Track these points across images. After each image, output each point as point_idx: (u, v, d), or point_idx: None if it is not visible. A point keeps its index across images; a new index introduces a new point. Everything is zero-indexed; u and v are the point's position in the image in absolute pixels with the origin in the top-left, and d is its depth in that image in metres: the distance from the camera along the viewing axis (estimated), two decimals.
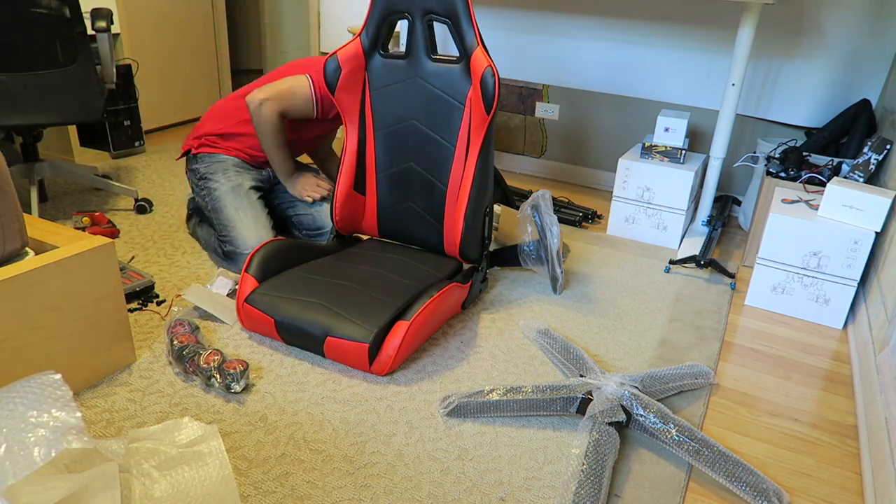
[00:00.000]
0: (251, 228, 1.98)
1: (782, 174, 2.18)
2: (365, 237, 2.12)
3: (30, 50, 2.02)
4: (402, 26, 3.03)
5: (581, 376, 1.52)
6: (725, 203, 2.72)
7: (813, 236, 1.87)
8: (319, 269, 1.80)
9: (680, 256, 2.32)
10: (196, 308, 1.80)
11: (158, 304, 1.81)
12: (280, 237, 1.93)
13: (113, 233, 2.22)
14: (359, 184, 1.97)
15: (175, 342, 1.54)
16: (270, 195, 2.24)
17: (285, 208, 2.22)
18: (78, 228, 2.21)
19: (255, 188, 2.11)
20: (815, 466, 1.37)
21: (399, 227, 2.00)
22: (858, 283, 1.86)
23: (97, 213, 2.25)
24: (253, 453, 1.30)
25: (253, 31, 4.73)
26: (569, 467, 1.27)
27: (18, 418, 0.99)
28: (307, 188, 2.15)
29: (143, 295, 1.83)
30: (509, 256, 2.07)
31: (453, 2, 1.73)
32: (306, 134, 2.17)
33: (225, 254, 2.01)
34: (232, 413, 1.40)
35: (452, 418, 1.43)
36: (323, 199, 2.16)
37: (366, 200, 2.00)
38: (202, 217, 2.17)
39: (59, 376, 1.08)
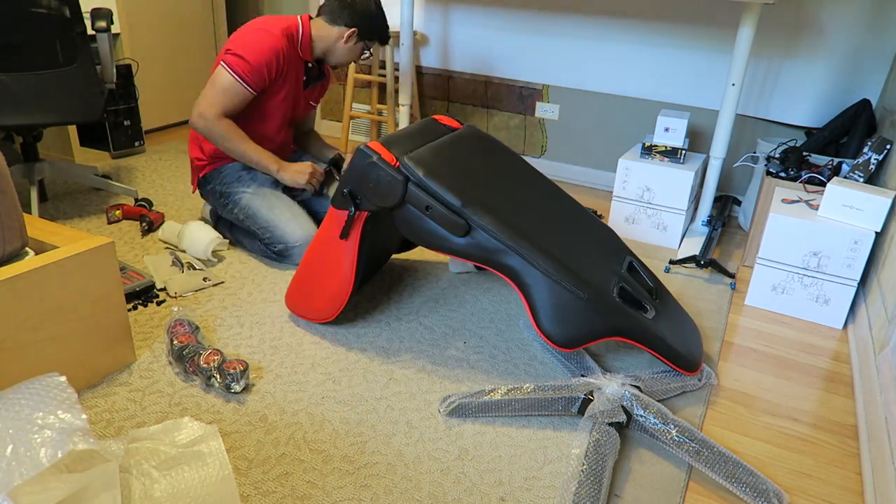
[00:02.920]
0: (291, 220, 1.99)
1: (782, 174, 2.18)
2: None
3: (30, 50, 2.02)
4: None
5: (582, 376, 1.52)
6: (725, 203, 2.72)
7: (813, 236, 1.87)
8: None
9: (680, 256, 2.32)
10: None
11: (158, 304, 1.81)
12: None
13: (156, 218, 2.30)
14: None
15: (175, 342, 1.54)
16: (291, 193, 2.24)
17: (311, 203, 2.24)
18: (112, 223, 2.30)
19: (274, 182, 2.12)
20: (815, 466, 1.37)
21: None
22: (858, 283, 1.86)
23: (125, 206, 2.33)
24: (253, 453, 1.30)
25: None
26: (569, 467, 1.27)
27: (24, 419, 0.99)
28: (301, 175, 2.04)
29: (143, 295, 1.83)
30: None
31: None
32: (271, 120, 2.10)
33: (278, 253, 2.01)
34: (232, 413, 1.40)
35: (452, 418, 1.43)
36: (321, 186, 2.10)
37: None
38: (232, 225, 2.16)
39: (63, 378, 1.08)
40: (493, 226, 1.47)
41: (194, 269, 2.00)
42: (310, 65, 2.10)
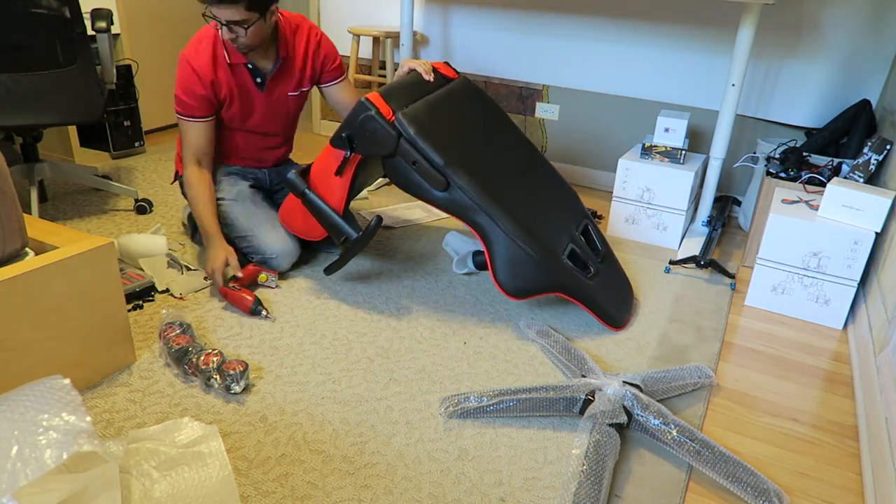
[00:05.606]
0: (269, 230, 1.94)
1: (782, 174, 2.18)
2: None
3: (30, 50, 2.02)
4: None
5: (582, 377, 1.52)
6: (725, 203, 2.72)
7: (813, 236, 1.87)
8: None
9: (680, 257, 2.32)
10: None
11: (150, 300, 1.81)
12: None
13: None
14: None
15: (172, 345, 1.53)
16: (272, 201, 2.19)
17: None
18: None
19: (253, 188, 2.08)
20: (815, 467, 1.37)
21: None
22: (858, 284, 1.86)
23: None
24: (253, 454, 1.30)
25: None
26: (569, 468, 1.27)
27: (29, 421, 0.99)
28: (211, 262, 1.84)
29: (144, 295, 1.83)
30: None
31: None
32: (234, 134, 2.03)
33: (257, 264, 1.94)
34: (232, 413, 1.40)
35: (452, 418, 1.43)
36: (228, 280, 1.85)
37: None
38: (196, 228, 2.10)
39: (67, 381, 1.08)
40: (468, 186, 1.68)
41: (190, 269, 1.99)
42: (249, 66, 1.94)
